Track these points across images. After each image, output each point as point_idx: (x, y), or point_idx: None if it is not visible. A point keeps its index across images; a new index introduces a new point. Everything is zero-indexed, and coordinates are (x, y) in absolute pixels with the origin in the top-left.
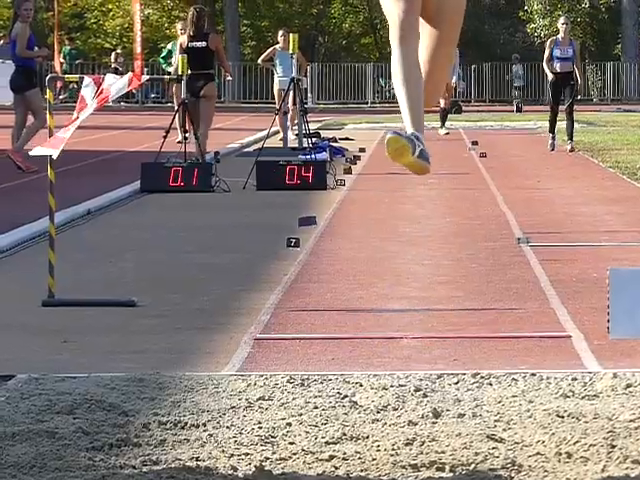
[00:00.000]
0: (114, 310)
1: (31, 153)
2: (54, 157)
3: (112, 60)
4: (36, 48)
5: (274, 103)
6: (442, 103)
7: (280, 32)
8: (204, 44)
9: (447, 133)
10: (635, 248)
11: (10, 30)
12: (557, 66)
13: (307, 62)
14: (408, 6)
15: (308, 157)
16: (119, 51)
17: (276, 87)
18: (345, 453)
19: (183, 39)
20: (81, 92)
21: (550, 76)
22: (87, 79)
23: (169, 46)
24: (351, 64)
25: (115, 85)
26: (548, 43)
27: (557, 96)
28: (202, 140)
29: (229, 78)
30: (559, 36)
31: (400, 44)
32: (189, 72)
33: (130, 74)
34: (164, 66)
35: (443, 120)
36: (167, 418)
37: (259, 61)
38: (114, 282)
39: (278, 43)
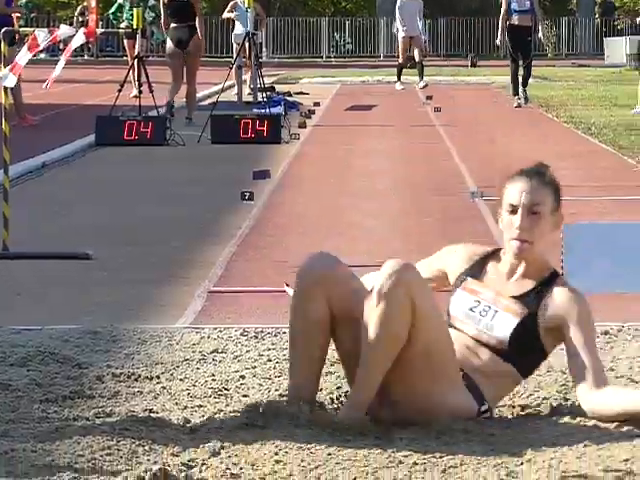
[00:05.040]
0: (68, 263)
1: (5, 84)
2: (13, 83)
3: (77, 13)
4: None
5: (229, 57)
6: (417, 57)
7: None
8: None
9: (426, 85)
10: (589, 202)
11: None
12: (515, 19)
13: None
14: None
15: (263, 111)
16: (86, 4)
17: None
18: None
19: None
20: (35, 32)
21: (499, 37)
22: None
23: (120, 0)
24: (306, 18)
25: (74, 40)
26: None
27: (516, 48)
28: (190, 95)
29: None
30: None
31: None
32: (173, 25)
33: (83, 29)
34: (114, 21)
35: (421, 73)
36: (121, 370)
37: (223, 15)
38: (69, 235)
39: None
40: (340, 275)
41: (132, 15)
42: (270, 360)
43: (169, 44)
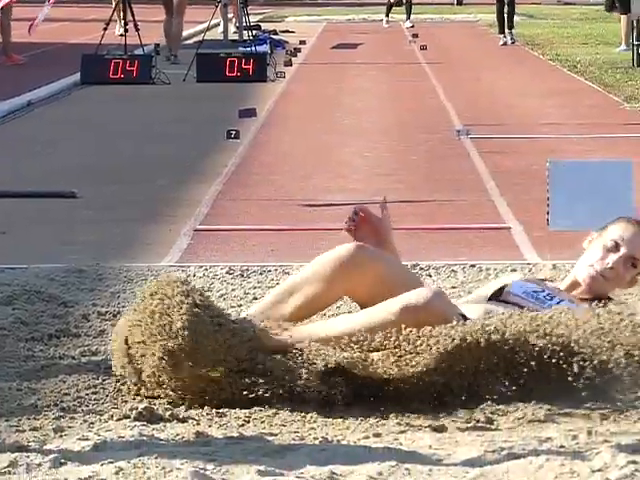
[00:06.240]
0: (54, 202)
1: None
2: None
3: None
4: None
5: None
6: None
7: None
8: None
9: (412, 26)
10: (575, 140)
11: None
12: None
13: None
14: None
15: (248, 49)
16: None
17: None
18: None
19: None
20: None
21: None
22: None
23: None
24: None
25: None
26: None
27: None
28: (176, 32)
29: None
30: None
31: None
32: None
33: None
34: None
35: (409, 12)
36: (106, 309)
37: None
38: (54, 174)
39: None
40: (368, 278)
41: None
42: (256, 298)
43: None
